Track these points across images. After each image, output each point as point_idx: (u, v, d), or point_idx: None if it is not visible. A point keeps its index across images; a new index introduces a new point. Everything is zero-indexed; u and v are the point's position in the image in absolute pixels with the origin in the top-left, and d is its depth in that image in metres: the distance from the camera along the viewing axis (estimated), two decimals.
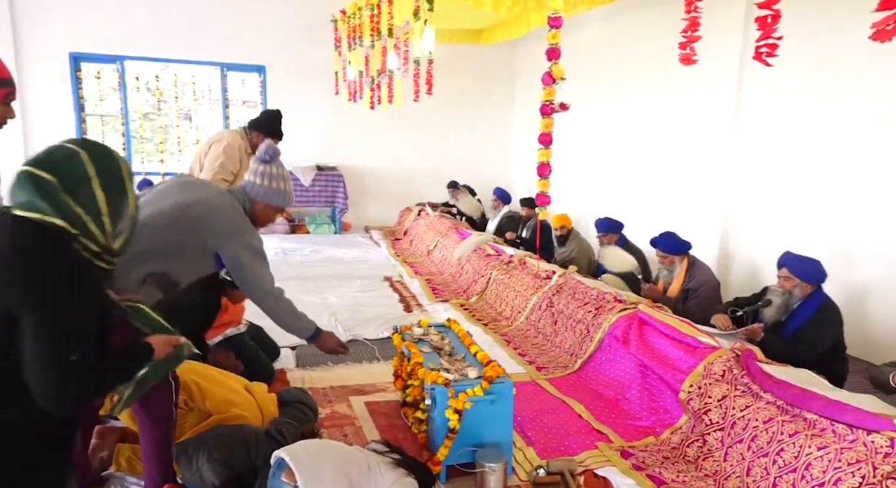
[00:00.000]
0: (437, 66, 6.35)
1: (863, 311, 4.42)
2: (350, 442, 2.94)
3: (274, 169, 2.64)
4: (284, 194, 2.69)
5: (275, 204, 2.69)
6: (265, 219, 2.73)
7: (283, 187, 2.68)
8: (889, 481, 2.06)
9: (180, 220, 2.39)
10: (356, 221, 9.79)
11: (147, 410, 2.31)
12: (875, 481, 2.09)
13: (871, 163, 4.40)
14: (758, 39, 2.34)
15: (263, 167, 2.64)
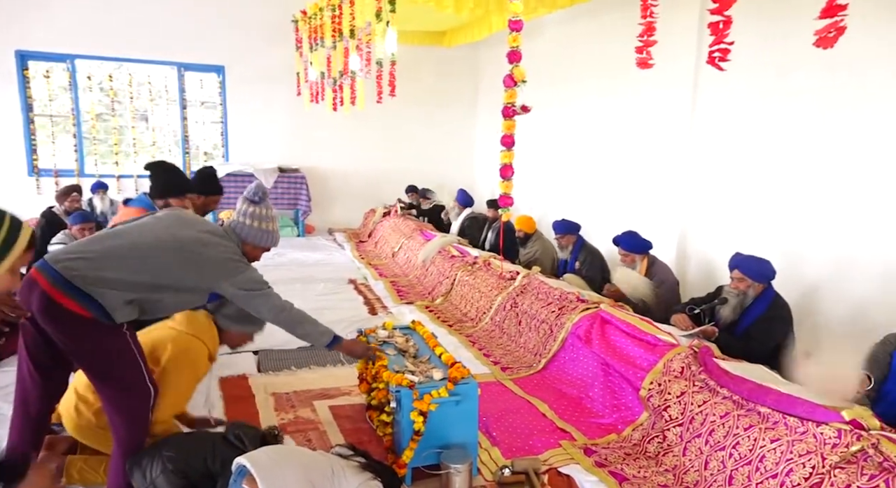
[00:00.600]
0: (400, 67, 6.34)
1: (811, 307, 4.59)
2: (314, 447, 2.90)
3: (263, 210, 2.64)
4: (272, 235, 2.70)
5: (262, 244, 2.69)
6: (252, 258, 2.72)
7: (271, 228, 2.69)
8: (837, 470, 2.14)
9: (179, 254, 2.37)
10: (320, 224, 9.68)
11: (122, 418, 2.26)
12: (824, 471, 2.18)
13: (819, 165, 4.57)
14: (711, 44, 2.42)
15: (253, 208, 2.63)
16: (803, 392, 2.56)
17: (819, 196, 4.60)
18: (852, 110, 4.32)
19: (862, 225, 4.30)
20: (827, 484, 2.15)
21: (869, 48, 4.12)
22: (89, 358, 2.24)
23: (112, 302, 2.19)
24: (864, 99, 4.24)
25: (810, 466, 2.23)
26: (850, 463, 2.14)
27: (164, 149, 9.15)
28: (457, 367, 2.79)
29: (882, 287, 4.13)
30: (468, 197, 8.19)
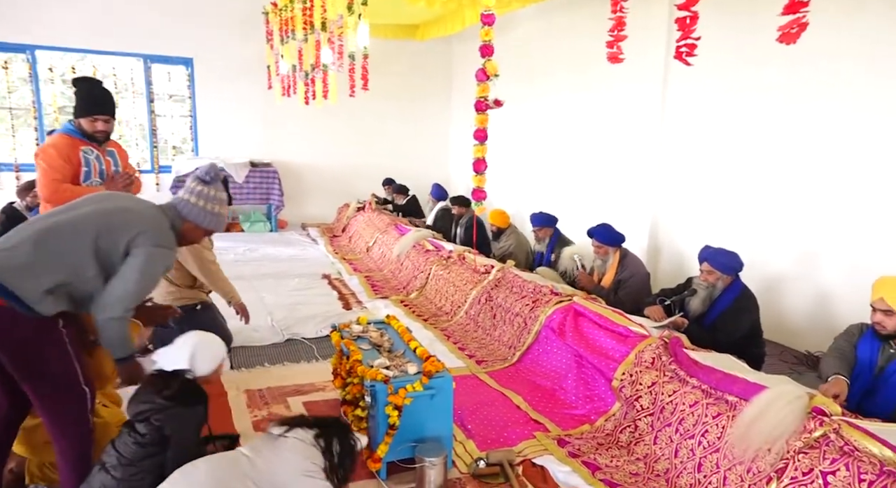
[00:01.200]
0: (373, 61, 6.30)
1: (777, 298, 4.72)
2: None
3: (212, 191, 2.51)
4: (218, 218, 2.55)
5: (205, 226, 2.52)
6: (191, 239, 2.57)
7: (218, 210, 2.54)
8: (801, 455, 2.20)
9: (100, 225, 2.19)
10: (293, 219, 9.58)
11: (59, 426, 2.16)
12: (789, 456, 2.24)
13: (785, 159, 4.69)
14: (678, 40, 2.45)
15: (202, 187, 2.50)
16: (769, 380, 2.63)
17: (785, 189, 4.71)
18: (817, 105, 4.43)
19: (826, 218, 4.43)
20: (791, 468, 2.21)
21: (832, 43, 4.23)
22: (16, 354, 2.06)
23: (30, 293, 2.02)
24: (827, 93, 4.35)
25: (776, 452, 2.29)
26: (813, 447, 2.21)
27: (132, 143, 8.94)
28: (431, 361, 2.79)
29: (845, 278, 4.26)
30: (442, 191, 8.19)
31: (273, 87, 8.52)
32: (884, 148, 4.01)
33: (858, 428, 2.15)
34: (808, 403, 2.34)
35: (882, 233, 4.04)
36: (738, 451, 2.38)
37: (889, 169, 3.98)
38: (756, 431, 2.30)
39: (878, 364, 2.73)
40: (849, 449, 2.12)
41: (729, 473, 2.43)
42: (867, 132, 4.11)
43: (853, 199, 4.22)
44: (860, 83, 4.13)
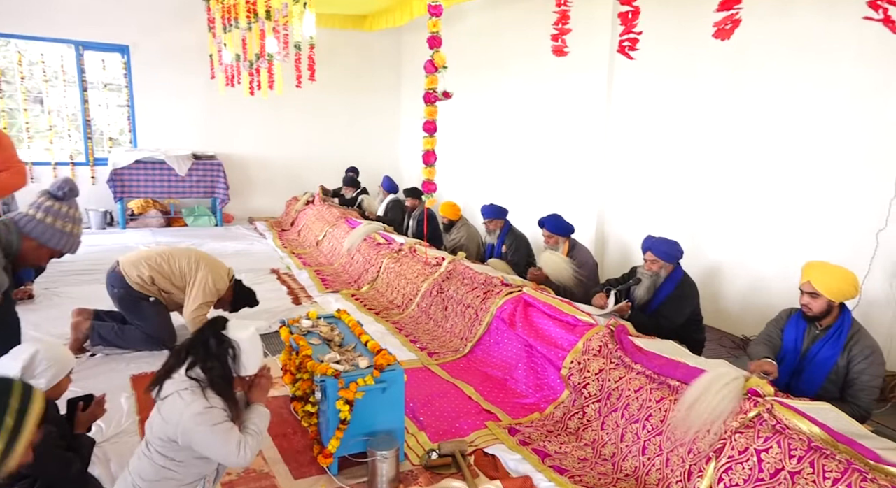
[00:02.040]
0: (320, 51, 6.18)
1: (716, 286, 4.92)
2: None
3: (64, 207, 2.28)
4: (68, 237, 2.30)
5: (51, 245, 2.27)
6: (33, 260, 2.32)
7: (70, 230, 2.30)
8: (737, 435, 2.31)
9: None
10: (239, 212, 9.35)
11: None
12: (726, 437, 2.34)
13: (722, 151, 4.87)
14: (621, 34, 2.50)
15: (51, 203, 2.25)
16: (709, 365, 2.74)
17: (722, 180, 4.91)
18: (752, 99, 4.62)
19: (759, 207, 4.63)
20: (728, 448, 2.31)
21: (766, 38, 4.41)
22: None
23: None
24: (761, 88, 4.54)
25: (714, 433, 2.39)
26: (748, 427, 2.32)
27: (63, 134, 8.49)
28: (383, 354, 2.77)
29: (777, 265, 4.47)
30: (393, 183, 8.14)
31: (216, 77, 8.26)
32: (814, 140, 4.23)
33: (789, 407, 2.27)
34: (744, 385, 2.45)
35: (810, 222, 4.26)
36: (680, 433, 2.47)
37: (817, 160, 4.20)
38: (696, 413, 2.39)
39: (803, 345, 2.88)
40: (780, 427, 2.23)
41: (671, 455, 2.52)
42: (798, 126, 4.32)
43: (785, 190, 4.44)
44: (792, 77, 4.33)
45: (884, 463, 1.93)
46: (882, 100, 3.79)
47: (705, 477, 2.33)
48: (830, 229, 4.12)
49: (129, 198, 8.34)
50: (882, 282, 3.81)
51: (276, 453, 2.75)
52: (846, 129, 4.01)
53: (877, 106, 3.82)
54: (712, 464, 2.33)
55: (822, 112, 4.16)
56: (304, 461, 2.69)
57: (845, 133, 4.02)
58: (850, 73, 3.95)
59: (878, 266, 3.82)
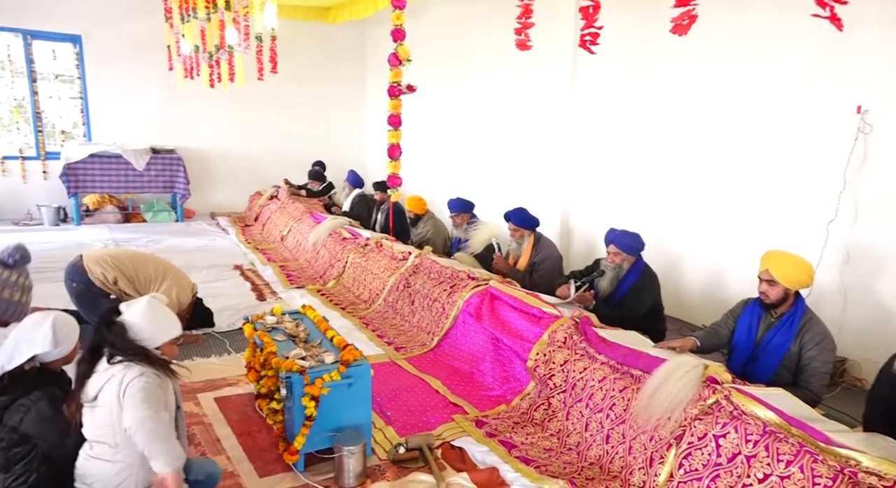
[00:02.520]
0: (283, 43, 6.08)
1: (676, 276, 5.04)
2: (199, 442, 2.77)
3: (14, 276, 2.22)
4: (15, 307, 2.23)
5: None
6: None
7: (18, 299, 2.25)
8: (696, 422, 2.38)
9: None
10: (201, 208, 9.14)
11: None
12: (686, 423, 2.40)
13: (683, 146, 4.98)
14: (582, 28, 2.53)
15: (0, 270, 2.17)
16: (670, 354, 2.81)
17: (682, 174, 5.02)
18: (711, 95, 4.73)
19: (718, 200, 4.75)
20: (688, 434, 2.38)
21: (723, 34, 4.52)
22: None
23: None
24: (719, 84, 4.66)
25: (675, 420, 2.45)
26: (707, 414, 2.38)
27: (11, 127, 8.15)
28: (349, 350, 2.76)
29: (734, 256, 4.60)
30: (358, 177, 8.06)
31: (174, 69, 8.03)
32: (768, 135, 4.35)
33: (745, 393, 2.34)
34: (703, 373, 2.52)
35: (765, 214, 4.39)
36: (642, 421, 2.53)
37: (772, 154, 4.33)
38: (657, 402, 2.45)
39: (758, 333, 2.98)
40: (737, 413, 2.30)
41: (634, 442, 2.58)
42: (753, 121, 4.44)
43: (741, 183, 4.56)
44: (746, 73, 4.44)
45: (833, 445, 2.02)
46: (832, 95, 3.92)
47: (666, 463, 2.39)
48: (784, 221, 4.26)
49: (84, 193, 8.07)
50: (832, 271, 3.96)
51: (240, 452, 2.71)
52: (798, 124, 4.14)
53: (827, 101, 3.95)
54: (673, 451, 2.39)
55: (775, 107, 4.28)
56: (270, 459, 2.66)
57: (797, 128, 4.15)
58: (802, 69, 4.08)
59: (829, 256, 3.96)
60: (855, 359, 3.84)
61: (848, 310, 3.91)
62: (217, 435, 2.82)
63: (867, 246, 3.82)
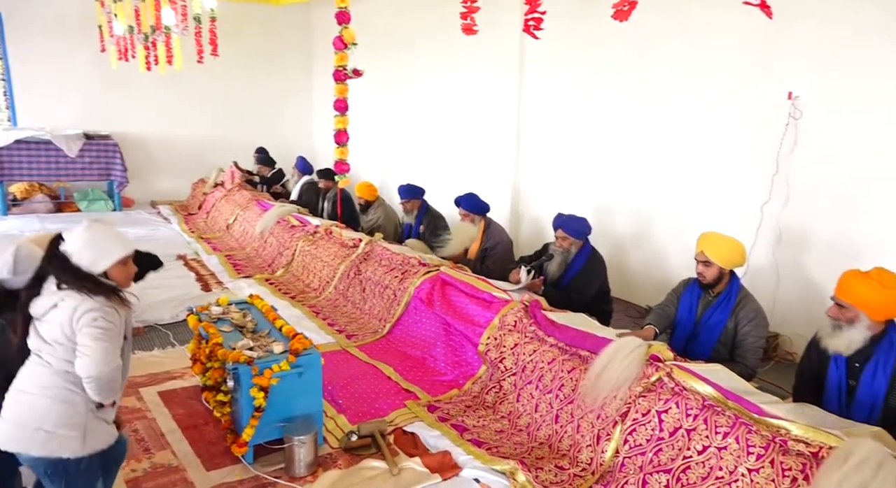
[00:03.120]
0: (223, 25, 5.86)
1: (621, 259, 5.18)
2: (141, 437, 2.68)
3: None
4: None
5: None
6: None
7: None
8: (640, 399, 2.46)
9: None
10: (140, 196, 8.77)
11: None
12: (631, 401, 2.49)
13: (626, 132, 5.10)
14: (525, 13, 2.53)
15: None
16: (615, 334, 2.89)
17: (625, 159, 5.14)
18: (650, 82, 4.85)
19: (658, 184, 4.90)
20: (633, 411, 2.46)
21: (660, 23, 4.63)
22: None
23: None
24: (657, 71, 4.78)
25: (621, 398, 2.53)
26: (650, 391, 2.47)
27: None
28: (298, 339, 2.72)
29: (675, 238, 4.76)
30: (308, 164, 7.90)
31: (107, 50, 7.63)
32: (705, 121, 4.50)
33: (686, 369, 2.44)
34: (647, 351, 2.60)
35: (704, 197, 4.56)
36: (590, 400, 2.60)
37: (709, 140, 4.48)
38: (604, 381, 2.52)
39: (698, 312, 3.11)
40: (678, 389, 2.40)
41: (582, 421, 2.65)
42: (691, 107, 4.58)
43: (681, 168, 4.71)
44: (683, 61, 4.58)
45: (766, 416, 2.13)
46: (763, 83, 4.08)
47: (612, 439, 2.48)
48: (722, 204, 4.43)
49: (11, 181, 7.62)
50: (766, 251, 4.15)
51: (186, 446, 2.64)
52: (734, 110, 4.30)
53: (759, 89, 4.11)
54: (619, 428, 2.47)
55: (713, 94, 4.43)
56: (217, 452, 2.60)
57: (734, 114, 4.30)
58: (737, 56, 4.23)
59: (763, 237, 4.15)
60: (786, 334, 4.06)
61: (780, 287, 4.12)
62: (161, 430, 2.74)
63: (797, 226, 4.02)
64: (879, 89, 3.54)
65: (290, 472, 2.47)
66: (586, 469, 2.52)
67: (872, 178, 3.62)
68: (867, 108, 3.61)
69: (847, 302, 2.34)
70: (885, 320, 2.33)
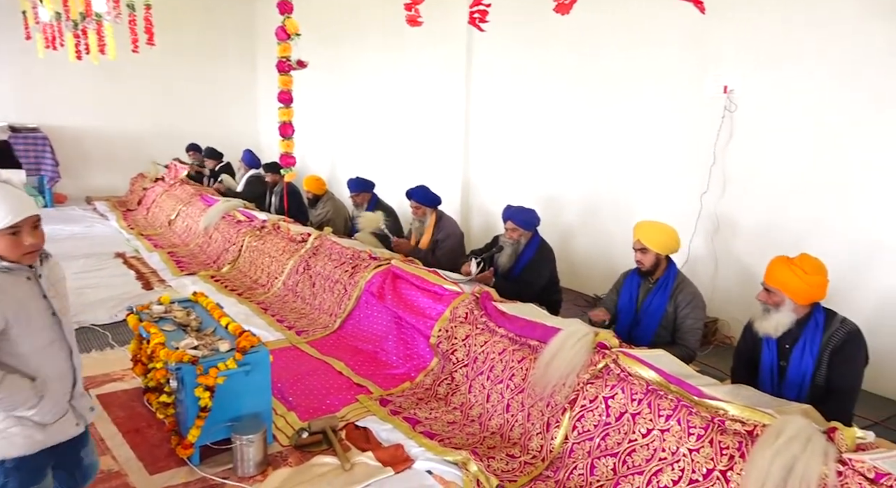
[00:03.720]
0: (160, 12, 5.63)
1: (569, 249, 5.28)
2: None
3: None
4: None
5: None
6: None
7: None
8: (588, 386, 2.52)
9: None
10: (74, 192, 8.36)
11: None
12: (579, 388, 2.55)
13: (572, 125, 5.19)
14: (471, 6, 2.54)
15: None
16: (564, 323, 2.94)
17: (571, 151, 5.24)
18: (596, 76, 4.95)
19: (603, 176, 5.02)
20: (581, 398, 2.52)
21: (602, 19, 4.73)
22: None
23: None
24: (603, 66, 4.88)
25: (569, 385, 2.58)
26: (597, 377, 2.53)
27: None
28: (245, 336, 2.65)
29: (620, 228, 4.88)
30: (254, 157, 7.70)
31: (33, 38, 7.21)
32: (647, 114, 4.63)
33: (631, 355, 2.51)
34: (594, 339, 2.67)
35: (647, 188, 4.69)
36: (540, 389, 2.65)
37: (651, 132, 4.62)
38: (553, 369, 2.57)
39: (639, 299, 3.22)
40: (624, 375, 2.47)
41: (532, 410, 2.70)
42: (633, 101, 4.70)
43: (624, 160, 4.84)
44: (626, 57, 4.69)
45: (706, 398, 2.21)
46: (702, 77, 4.23)
47: (561, 426, 2.53)
48: (664, 194, 4.57)
49: None
50: (705, 239, 4.32)
51: (127, 450, 2.54)
52: (676, 103, 4.44)
53: (698, 83, 4.26)
54: (567, 415, 2.53)
55: (653, 88, 4.56)
56: (161, 455, 2.52)
57: (675, 107, 4.45)
58: (677, 50, 4.37)
59: (702, 225, 4.32)
60: (725, 319, 4.24)
61: (719, 274, 4.29)
62: (101, 435, 2.63)
63: (733, 215, 4.19)
64: (805, 82, 3.73)
65: (239, 472, 2.42)
66: (536, 456, 2.57)
67: (799, 168, 3.81)
68: (793, 100, 3.80)
69: (774, 287, 2.47)
70: (809, 303, 2.47)
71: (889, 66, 3.35)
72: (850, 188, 3.58)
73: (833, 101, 3.61)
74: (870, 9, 3.41)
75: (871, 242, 3.51)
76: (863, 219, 3.54)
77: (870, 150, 3.48)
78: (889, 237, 3.44)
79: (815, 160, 3.73)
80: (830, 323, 2.45)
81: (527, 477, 2.46)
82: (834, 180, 3.65)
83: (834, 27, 3.55)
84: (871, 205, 3.51)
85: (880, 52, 3.38)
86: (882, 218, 3.46)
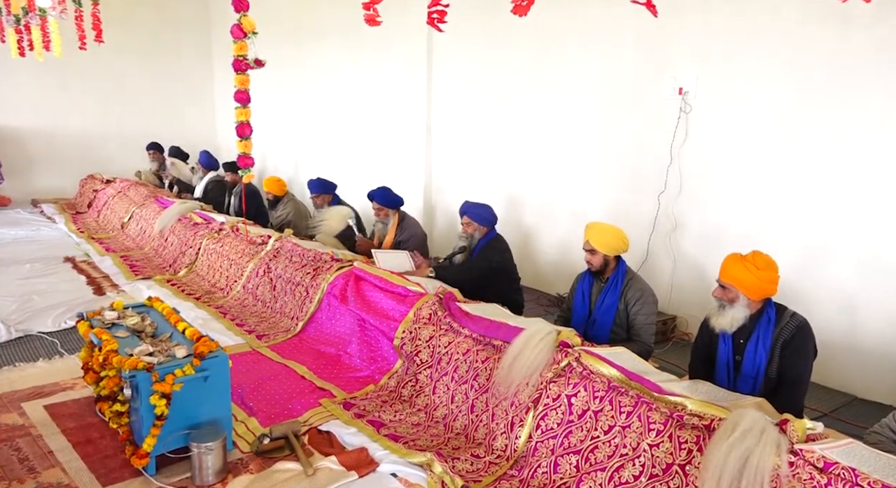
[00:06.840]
0: (110, 8, 5.45)
1: (532, 249, 5.34)
2: (25, 456, 2.45)
3: None
4: None
5: None
6: None
7: None
8: (551, 384, 2.54)
9: None
10: (19, 195, 8.01)
11: None
12: (542, 387, 2.57)
13: (531, 124, 5.25)
14: (429, 6, 2.53)
15: None
16: (527, 322, 2.97)
17: (531, 151, 5.30)
18: (554, 76, 5.01)
19: (563, 175, 5.09)
20: (544, 396, 2.54)
21: (560, 25, 4.80)
22: None
23: None
24: (561, 67, 4.95)
25: (533, 384, 2.60)
26: (560, 376, 2.56)
27: None
28: (203, 341, 2.58)
29: (580, 228, 4.93)
30: (212, 159, 7.52)
31: None
32: (604, 113, 4.72)
33: (592, 354, 2.55)
34: (556, 338, 2.69)
35: (606, 188, 4.78)
36: (503, 388, 2.66)
37: (609, 132, 4.70)
38: (517, 368, 2.59)
39: (592, 298, 3.28)
40: (586, 373, 2.50)
41: (496, 409, 2.71)
42: (590, 101, 4.79)
43: (584, 158, 4.91)
44: (583, 57, 4.77)
45: (665, 394, 2.26)
46: (658, 78, 4.33)
47: (525, 425, 2.54)
48: (624, 193, 4.66)
49: None
50: (663, 238, 4.42)
51: (78, 462, 2.44)
52: (632, 105, 4.53)
53: (654, 84, 4.36)
54: (531, 413, 2.55)
55: (611, 89, 4.64)
56: (115, 465, 2.42)
57: (631, 108, 4.54)
58: (630, 54, 4.46)
59: (660, 224, 4.42)
60: (683, 316, 4.35)
61: (676, 272, 4.40)
62: (49, 448, 2.52)
63: (689, 214, 4.31)
64: (756, 84, 3.86)
65: (197, 481, 2.34)
66: (501, 456, 2.57)
67: (750, 168, 3.94)
68: (745, 102, 3.93)
69: (728, 283, 2.55)
70: (762, 299, 2.55)
71: (836, 68, 3.50)
72: (800, 188, 3.72)
73: (783, 102, 3.75)
74: (807, 13, 3.55)
75: (820, 240, 3.65)
76: (812, 218, 3.68)
77: (818, 151, 3.62)
78: (837, 235, 3.59)
79: (765, 160, 3.87)
80: (781, 317, 2.54)
81: (491, 476, 2.46)
82: (784, 180, 3.78)
83: (781, 30, 3.69)
84: (819, 204, 3.65)
85: (827, 55, 3.52)
86: (831, 216, 3.61)
